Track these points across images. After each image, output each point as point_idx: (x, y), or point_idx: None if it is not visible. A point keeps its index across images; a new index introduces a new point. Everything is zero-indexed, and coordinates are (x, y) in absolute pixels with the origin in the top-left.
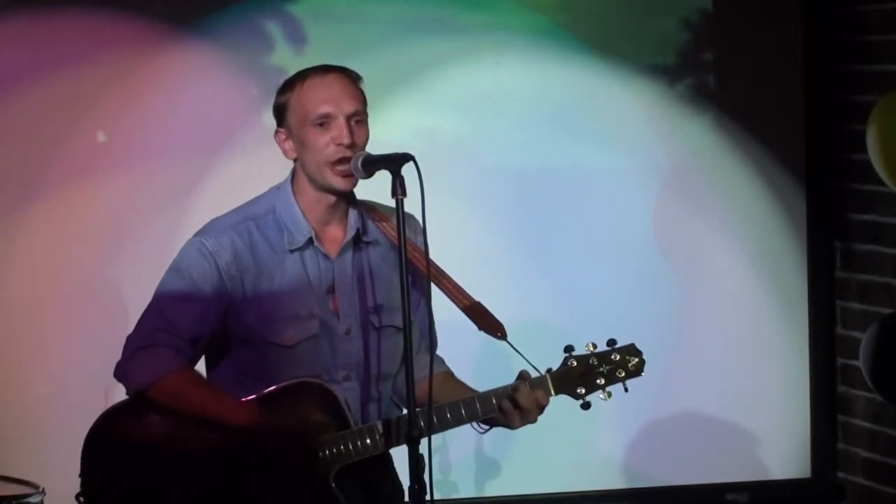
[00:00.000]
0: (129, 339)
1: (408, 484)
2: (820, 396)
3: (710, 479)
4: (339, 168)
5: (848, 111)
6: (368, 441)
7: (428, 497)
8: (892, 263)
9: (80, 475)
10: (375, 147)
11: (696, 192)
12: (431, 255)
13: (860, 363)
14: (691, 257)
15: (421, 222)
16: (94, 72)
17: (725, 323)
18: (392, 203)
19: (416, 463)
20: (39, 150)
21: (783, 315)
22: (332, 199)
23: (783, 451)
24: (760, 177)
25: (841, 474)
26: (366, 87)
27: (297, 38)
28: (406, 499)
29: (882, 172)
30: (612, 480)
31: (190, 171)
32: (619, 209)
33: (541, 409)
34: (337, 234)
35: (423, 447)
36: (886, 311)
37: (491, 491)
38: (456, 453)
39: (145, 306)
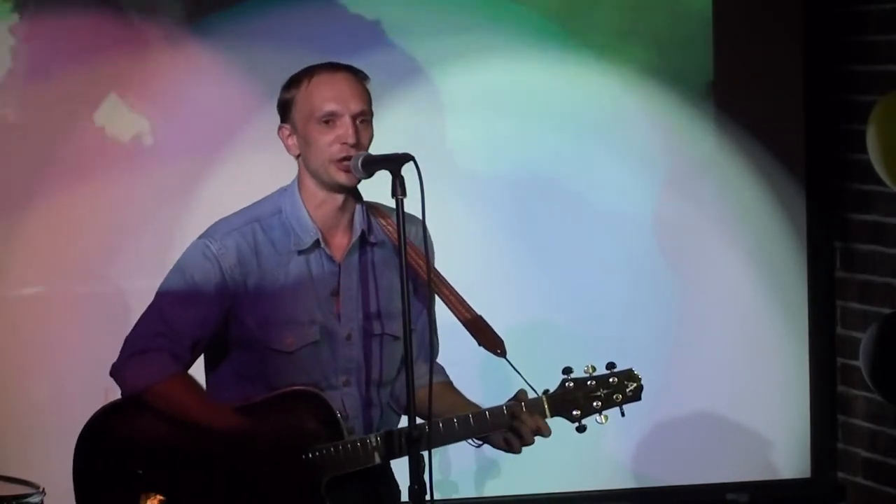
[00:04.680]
0: (127, 339)
1: (407, 484)
2: (820, 396)
3: (710, 479)
4: (343, 164)
5: (848, 111)
6: (361, 452)
7: (428, 497)
8: (892, 263)
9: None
10: (376, 147)
11: (696, 192)
12: (431, 257)
13: (860, 363)
14: (691, 257)
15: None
16: (94, 72)
17: (725, 323)
18: (392, 203)
19: (416, 463)
20: (40, 150)
21: (783, 315)
22: (339, 199)
23: (783, 451)
24: (760, 177)
25: (841, 474)
26: (369, 86)
27: (297, 37)
28: (406, 499)
29: (882, 172)
30: (612, 480)
31: (190, 171)
32: (619, 209)
33: (538, 435)
34: (343, 238)
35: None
36: (886, 311)
37: (491, 491)
38: (456, 453)
39: (145, 306)
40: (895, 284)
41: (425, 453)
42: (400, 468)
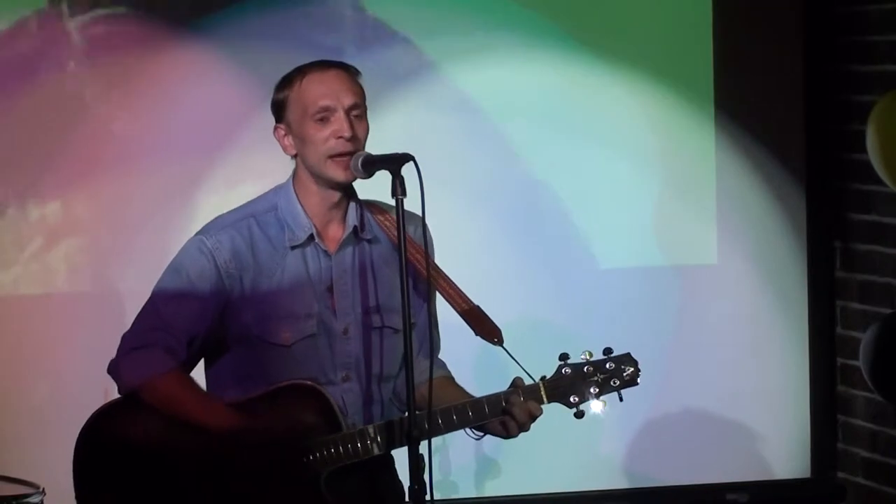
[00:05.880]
0: (124, 336)
1: (408, 484)
2: (820, 396)
3: (710, 479)
4: (340, 160)
5: (848, 111)
6: (360, 445)
7: (428, 497)
8: (892, 263)
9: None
10: (375, 147)
11: (696, 192)
12: (431, 254)
13: (860, 363)
14: (691, 257)
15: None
16: (94, 72)
17: (725, 323)
18: (392, 202)
19: (416, 463)
20: (40, 151)
21: (783, 315)
22: (335, 196)
23: (783, 451)
24: (760, 177)
25: (841, 474)
26: (366, 86)
27: (296, 37)
28: (406, 499)
29: (882, 172)
30: (612, 480)
31: (189, 171)
32: (619, 208)
33: (533, 419)
34: (337, 231)
35: (422, 447)
36: (886, 311)
37: (491, 491)
38: (456, 453)
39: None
40: (895, 284)
41: (425, 452)
42: (400, 467)
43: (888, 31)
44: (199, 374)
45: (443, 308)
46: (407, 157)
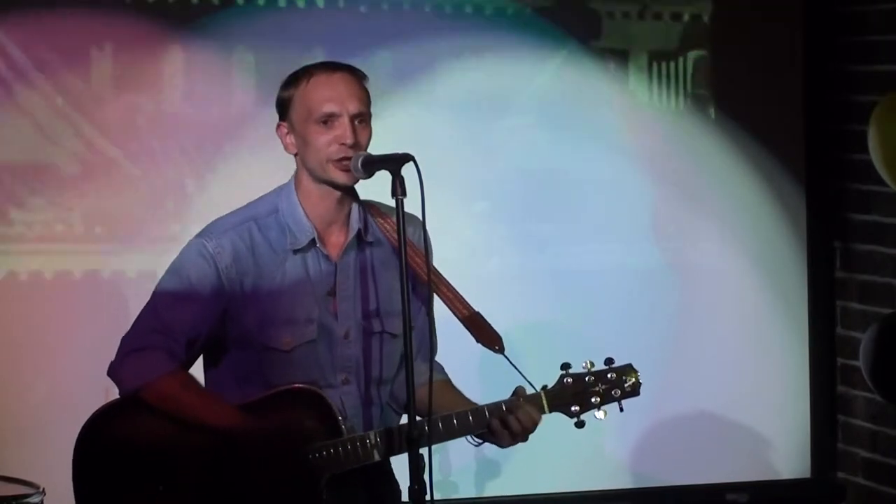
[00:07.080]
0: (124, 339)
1: (408, 485)
2: (820, 396)
3: (710, 479)
4: (341, 163)
5: (848, 111)
6: (360, 450)
7: (428, 497)
8: (892, 263)
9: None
10: (375, 147)
11: (696, 193)
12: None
13: (860, 363)
14: (691, 257)
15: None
16: (94, 71)
17: (725, 323)
18: (392, 203)
19: (416, 463)
20: (40, 151)
21: (783, 315)
22: (336, 195)
23: (783, 451)
24: (760, 177)
25: (841, 474)
26: (368, 86)
27: (297, 37)
28: (406, 499)
29: (882, 172)
30: (612, 480)
31: (190, 171)
32: (619, 208)
33: (534, 426)
34: (340, 236)
35: (423, 448)
36: (886, 311)
37: (491, 491)
38: (456, 453)
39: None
40: (895, 284)
41: (425, 453)
42: (400, 467)
43: (888, 31)
44: (198, 375)
45: (444, 312)
46: (407, 157)
